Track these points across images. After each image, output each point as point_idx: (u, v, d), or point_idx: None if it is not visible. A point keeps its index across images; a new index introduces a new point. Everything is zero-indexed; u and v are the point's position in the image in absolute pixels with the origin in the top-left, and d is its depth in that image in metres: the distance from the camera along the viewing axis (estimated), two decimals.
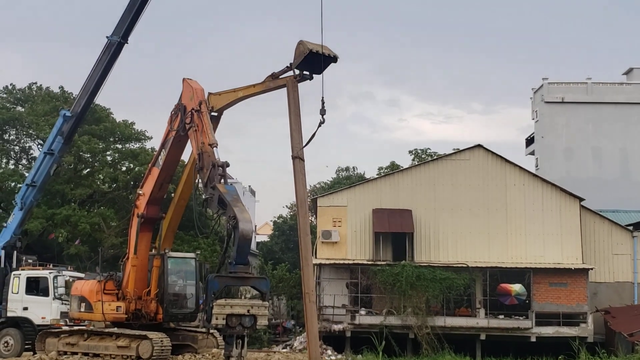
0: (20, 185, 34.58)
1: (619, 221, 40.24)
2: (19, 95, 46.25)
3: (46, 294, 26.58)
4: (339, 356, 32.90)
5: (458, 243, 37.34)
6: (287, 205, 62.76)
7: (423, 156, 53.57)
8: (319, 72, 18.77)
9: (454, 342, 33.89)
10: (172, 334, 22.47)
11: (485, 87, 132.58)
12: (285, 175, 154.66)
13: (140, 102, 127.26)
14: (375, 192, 38.31)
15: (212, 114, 20.59)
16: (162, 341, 21.06)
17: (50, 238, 39.88)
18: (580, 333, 34.70)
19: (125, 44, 27.37)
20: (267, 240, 65.49)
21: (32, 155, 44.66)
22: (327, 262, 36.87)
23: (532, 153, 58.69)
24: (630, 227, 39.96)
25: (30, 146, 45.34)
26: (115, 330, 22.37)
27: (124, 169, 44.33)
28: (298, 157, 18.24)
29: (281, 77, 19.44)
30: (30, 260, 29.33)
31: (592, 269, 36.73)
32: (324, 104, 17.83)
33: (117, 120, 45.48)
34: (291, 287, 43.33)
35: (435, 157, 44.15)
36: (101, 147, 43.00)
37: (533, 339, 35.21)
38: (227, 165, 18.26)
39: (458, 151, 40.29)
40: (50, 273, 27.10)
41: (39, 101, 45.31)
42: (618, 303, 37.30)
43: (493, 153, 38.60)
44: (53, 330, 24.07)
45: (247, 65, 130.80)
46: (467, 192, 37.87)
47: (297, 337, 37.31)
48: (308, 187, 19.60)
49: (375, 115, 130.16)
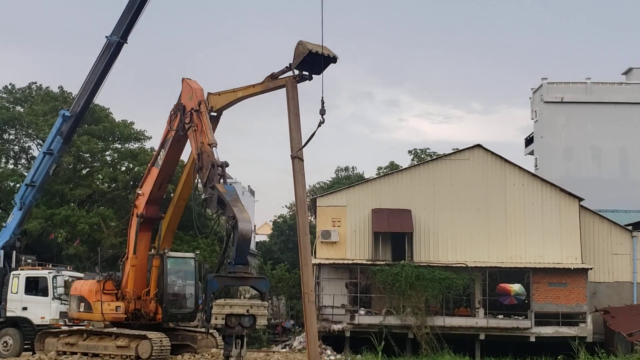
0: (19, 185, 34.52)
1: (618, 221, 40.24)
2: (19, 95, 46.18)
3: (45, 294, 26.59)
4: (338, 356, 32.90)
5: (457, 243, 37.34)
6: (286, 205, 62.82)
7: (422, 156, 53.54)
8: (319, 73, 18.68)
9: (453, 342, 33.90)
10: (172, 334, 22.47)
11: (485, 87, 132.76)
12: (285, 175, 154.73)
13: (139, 102, 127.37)
14: (375, 192, 38.31)
15: (212, 114, 20.56)
16: (161, 341, 21.07)
17: (51, 238, 39.83)
18: (579, 333, 34.69)
19: (125, 43, 27.34)
20: (267, 240, 65.46)
21: (31, 155, 44.60)
22: (327, 262, 36.88)
23: (532, 153, 58.75)
24: (630, 227, 39.98)
25: (29, 146, 45.32)
26: (115, 330, 22.36)
27: (123, 169, 44.26)
28: (297, 157, 18.20)
29: (280, 77, 19.38)
30: (29, 260, 29.30)
31: (591, 268, 36.73)
32: (323, 104, 17.75)
33: (116, 120, 45.39)
34: (290, 287, 43.33)
35: (434, 157, 44.12)
36: (100, 147, 42.89)
37: (532, 339, 35.23)
38: (227, 165, 18.24)
39: (457, 151, 40.28)
40: (49, 273, 27.09)
41: (38, 101, 45.24)
42: (617, 303, 37.31)
43: (492, 153, 38.60)
44: (52, 330, 24.07)
45: (247, 65, 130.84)
46: (467, 192, 37.88)
47: (297, 337, 37.30)
48: (307, 187, 19.55)
49: (375, 115, 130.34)
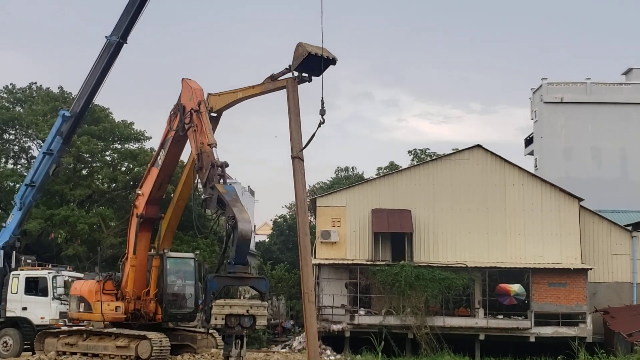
0: (19, 185, 34.50)
1: (618, 221, 40.23)
2: (19, 95, 46.17)
3: (45, 294, 26.59)
4: (338, 356, 32.89)
5: (457, 243, 37.34)
6: (286, 205, 62.81)
7: (422, 156, 53.53)
8: (318, 75, 18.63)
9: (453, 342, 33.89)
10: (171, 334, 22.48)
11: (484, 87, 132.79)
12: (285, 176, 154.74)
13: (139, 102, 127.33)
14: (374, 192, 38.31)
15: (212, 114, 20.53)
16: (161, 341, 21.08)
17: (51, 238, 39.82)
18: (579, 333, 34.68)
19: (125, 44, 27.33)
20: (266, 240, 65.45)
21: (31, 155, 44.58)
22: (326, 262, 36.87)
23: (531, 153, 58.74)
24: (630, 227, 39.96)
25: (29, 146, 45.26)
26: (114, 330, 22.35)
27: (123, 169, 44.24)
28: (298, 157, 18.19)
29: (280, 79, 19.39)
30: (29, 261, 29.31)
31: (591, 269, 36.71)
32: (323, 104, 17.74)
33: (116, 121, 45.34)
34: (290, 287, 43.34)
35: (434, 157, 44.11)
36: (100, 147, 42.86)
37: (532, 339, 35.22)
38: (226, 165, 18.23)
39: (457, 151, 40.28)
40: (49, 273, 27.10)
41: (38, 101, 45.22)
42: (617, 303, 37.30)
43: (492, 153, 38.59)
44: (52, 330, 24.07)
45: (247, 65, 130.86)
46: (466, 192, 37.88)
47: (296, 337, 37.30)
48: (307, 187, 19.51)
49: (374, 115, 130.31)
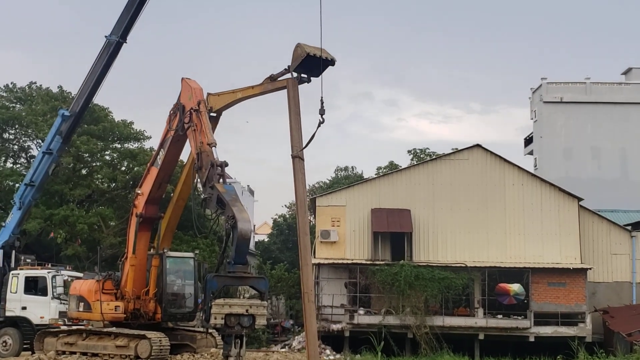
0: (18, 184, 34.49)
1: (617, 221, 40.26)
2: (19, 94, 46.16)
3: (45, 293, 26.61)
4: (338, 356, 32.89)
5: (457, 243, 37.35)
6: (286, 204, 62.82)
7: (422, 156, 53.52)
8: (317, 75, 18.58)
9: (453, 341, 33.91)
10: (171, 334, 22.47)
11: (484, 86, 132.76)
12: (284, 175, 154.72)
13: (139, 101, 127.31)
14: (374, 192, 38.31)
15: (211, 114, 20.51)
16: (160, 341, 21.08)
17: (50, 237, 39.80)
18: (578, 333, 34.70)
19: (124, 43, 27.31)
20: (266, 239, 65.47)
21: (30, 154, 44.59)
22: (326, 261, 36.88)
23: (531, 153, 58.76)
24: (629, 227, 40.00)
25: (29, 145, 45.29)
26: (114, 329, 22.34)
27: (122, 168, 44.25)
28: (298, 157, 18.16)
29: (279, 79, 19.38)
30: (28, 260, 29.30)
31: (590, 268, 36.72)
32: (323, 104, 17.72)
33: (115, 120, 45.37)
34: (290, 287, 43.38)
35: (433, 157, 44.13)
36: (100, 147, 42.89)
37: (531, 339, 35.22)
38: (226, 164, 18.19)
39: (457, 151, 40.27)
40: (48, 273, 27.10)
41: (38, 101, 45.24)
42: (616, 303, 37.32)
43: (492, 153, 38.59)
44: (52, 329, 24.05)
45: (246, 65, 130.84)
46: (466, 191, 37.88)
47: (296, 337, 37.32)
48: (307, 187, 19.48)
49: (374, 115, 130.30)
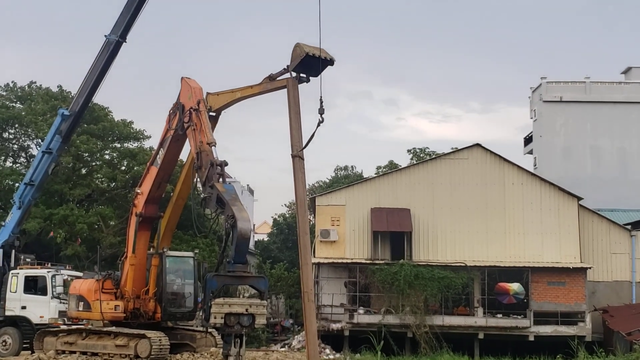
0: (18, 184, 34.47)
1: (617, 220, 40.30)
2: (19, 93, 46.14)
3: (44, 293, 26.58)
4: (338, 355, 32.91)
5: (456, 242, 37.37)
6: (285, 204, 62.85)
7: (421, 155, 53.55)
8: (316, 75, 18.57)
9: (452, 341, 33.94)
10: (171, 333, 22.45)
11: (484, 86, 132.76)
12: (284, 175, 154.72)
13: (138, 101, 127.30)
14: (374, 191, 38.33)
15: (210, 113, 20.51)
16: (160, 340, 21.07)
17: (50, 237, 39.79)
18: (578, 332, 34.74)
19: (124, 42, 27.29)
20: (266, 239, 65.49)
21: (30, 154, 44.58)
22: (326, 261, 36.91)
23: (531, 152, 58.73)
24: (629, 226, 40.04)
25: (28, 145, 45.30)
26: (114, 329, 22.33)
27: (122, 168, 44.24)
28: (298, 156, 18.16)
29: (278, 79, 19.37)
30: (28, 259, 29.25)
31: (590, 268, 36.76)
32: (322, 103, 17.73)
33: (115, 120, 45.34)
34: (289, 286, 43.39)
35: (433, 156, 44.18)
36: (99, 146, 42.89)
37: (531, 338, 35.26)
38: (226, 164, 18.18)
39: (456, 150, 40.29)
40: (48, 272, 27.07)
41: (37, 100, 45.22)
42: (616, 302, 37.34)
43: (491, 152, 38.62)
44: (51, 329, 24.03)
45: (246, 64, 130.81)
46: (466, 191, 37.91)
47: (296, 336, 37.33)
48: (307, 186, 19.48)
49: (374, 114, 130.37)
